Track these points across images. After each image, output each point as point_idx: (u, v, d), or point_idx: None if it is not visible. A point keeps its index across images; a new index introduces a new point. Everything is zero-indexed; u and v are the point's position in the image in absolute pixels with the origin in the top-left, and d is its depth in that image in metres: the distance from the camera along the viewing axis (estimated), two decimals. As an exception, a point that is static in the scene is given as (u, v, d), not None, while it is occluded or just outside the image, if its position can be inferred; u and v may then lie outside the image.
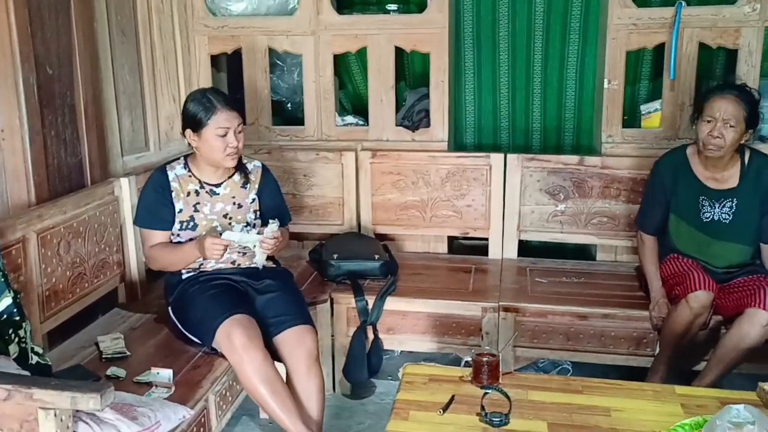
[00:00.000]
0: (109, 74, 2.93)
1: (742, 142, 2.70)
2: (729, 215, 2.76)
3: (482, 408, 2.00)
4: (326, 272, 3.18)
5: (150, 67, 3.23)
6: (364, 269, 3.17)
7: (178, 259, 2.55)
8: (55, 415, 1.60)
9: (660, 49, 3.36)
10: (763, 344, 2.60)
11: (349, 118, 3.76)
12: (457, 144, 3.80)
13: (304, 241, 3.69)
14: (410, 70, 3.91)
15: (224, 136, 2.48)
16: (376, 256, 3.21)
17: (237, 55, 3.66)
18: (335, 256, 3.19)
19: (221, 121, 2.47)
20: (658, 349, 2.81)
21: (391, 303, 3.03)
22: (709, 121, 2.67)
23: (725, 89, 2.70)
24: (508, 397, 2.01)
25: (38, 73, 2.48)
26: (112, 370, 2.25)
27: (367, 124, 3.64)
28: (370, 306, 3.01)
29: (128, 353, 2.39)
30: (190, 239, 2.57)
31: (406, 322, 3.04)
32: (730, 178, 2.77)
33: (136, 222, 2.65)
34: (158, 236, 2.58)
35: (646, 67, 3.62)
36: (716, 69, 3.54)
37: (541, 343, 2.97)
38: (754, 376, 2.44)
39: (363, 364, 3.01)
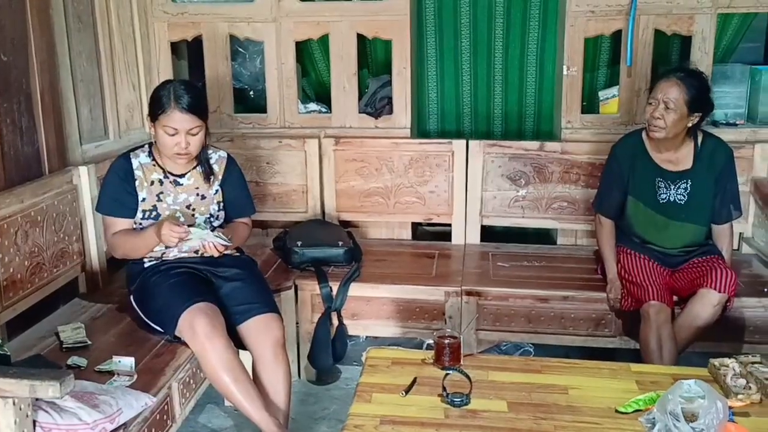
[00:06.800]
0: (66, 62, 2.88)
1: (689, 125, 2.76)
2: (684, 196, 2.82)
3: (444, 389, 2.03)
4: (290, 259, 3.19)
5: (108, 54, 3.18)
6: (329, 256, 3.19)
7: (140, 245, 2.52)
8: (14, 403, 1.59)
9: (617, 35, 3.43)
10: (716, 323, 2.68)
11: (312, 106, 3.75)
12: (419, 131, 3.82)
13: (268, 229, 3.69)
14: (373, 57, 3.91)
15: (173, 135, 2.45)
16: (340, 243, 3.22)
17: (198, 42, 3.62)
18: (299, 243, 3.19)
19: (171, 120, 2.42)
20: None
21: (356, 289, 3.05)
22: (650, 103, 2.75)
23: (671, 72, 2.76)
24: (468, 378, 2.04)
25: (-8, 60, 2.44)
26: (73, 360, 2.23)
27: (330, 112, 3.64)
28: (334, 292, 3.03)
29: (89, 342, 2.37)
30: None
31: (371, 308, 3.07)
32: (684, 159, 2.83)
33: (98, 209, 2.61)
34: (121, 223, 2.55)
35: (603, 53, 3.68)
36: (671, 55, 3.62)
37: (503, 326, 3.02)
38: (706, 353, 2.52)
39: (328, 350, 3.03)
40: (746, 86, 3.45)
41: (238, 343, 2.48)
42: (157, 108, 2.45)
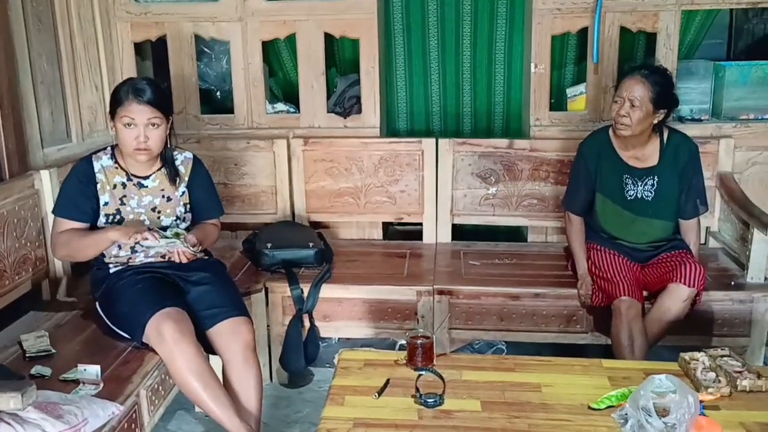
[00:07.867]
0: (26, 63, 2.81)
1: (655, 122, 2.78)
2: (651, 192, 2.85)
3: (417, 390, 2.02)
4: (260, 262, 3.15)
5: (70, 55, 3.11)
6: (299, 257, 3.16)
7: (91, 242, 2.43)
8: (-27, 417, 1.54)
9: (584, 33, 3.45)
10: (685, 317, 2.71)
11: (280, 106, 3.71)
12: (389, 130, 3.81)
13: (237, 231, 3.64)
14: (340, 57, 3.89)
15: (130, 127, 2.40)
16: (311, 244, 3.19)
17: (162, 42, 3.56)
18: (269, 245, 3.16)
19: (127, 111, 2.38)
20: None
21: (327, 290, 3.02)
22: (616, 101, 2.77)
23: (635, 70, 2.78)
24: (442, 378, 2.03)
25: (-53, 62, 2.37)
26: (36, 369, 2.17)
27: (298, 112, 3.61)
28: (305, 294, 3.00)
29: (53, 351, 2.31)
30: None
31: (342, 309, 3.04)
32: (650, 156, 2.85)
33: (55, 211, 2.53)
34: (72, 226, 2.48)
35: (570, 51, 3.71)
36: (637, 52, 3.66)
37: (475, 324, 3.02)
38: (676, 347, 2.54)
39: (300, 353, 3.00)
40: (710, 82, 3.50)
41: (207, 348, 2.44)
42: (115, 103, 2.42)
